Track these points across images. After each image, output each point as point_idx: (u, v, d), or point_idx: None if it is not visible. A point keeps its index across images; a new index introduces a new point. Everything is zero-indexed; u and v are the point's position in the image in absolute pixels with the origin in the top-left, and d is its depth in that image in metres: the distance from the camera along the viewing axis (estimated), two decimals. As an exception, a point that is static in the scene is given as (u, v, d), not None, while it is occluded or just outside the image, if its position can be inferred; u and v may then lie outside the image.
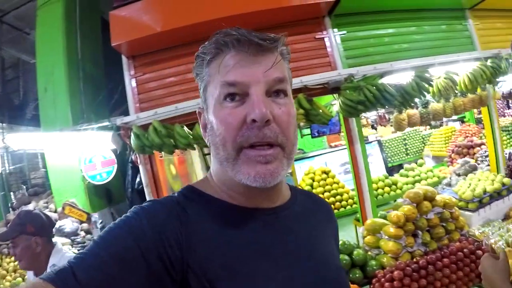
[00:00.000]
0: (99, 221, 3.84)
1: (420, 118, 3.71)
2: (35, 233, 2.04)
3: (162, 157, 3.27)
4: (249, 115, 0.71)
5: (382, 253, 2.78)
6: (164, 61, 3.30)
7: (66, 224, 3.64)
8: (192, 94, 3.17)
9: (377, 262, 2.69)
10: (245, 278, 0.72)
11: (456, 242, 2.78)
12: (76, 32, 4.55)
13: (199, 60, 0.80)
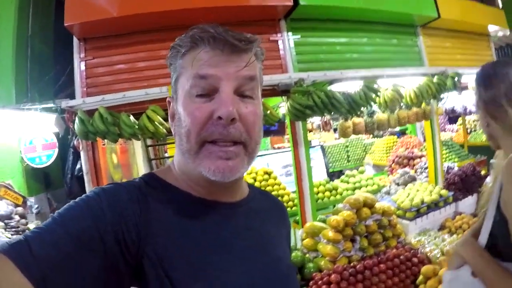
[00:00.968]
0: (35, 206, 3.67)
1: (365, 126, 3.82)
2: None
3: (104, 145, 3.20)
4: (215, 112, 0.72)
5: (320, 256, 2.82)
6: (115, 47, 3.20)
7: (0, 206, 3.49)
8: (140, 84, 3.11)
9: (314, 264, 2.73)
10: (201, 268, 0.73)
11: (393, 249, 2.88)
12: (29, 7, 4.35)
13: (174, 51, 0.81)
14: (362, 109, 3.58)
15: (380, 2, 3.86)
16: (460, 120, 7.15)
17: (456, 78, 4.07)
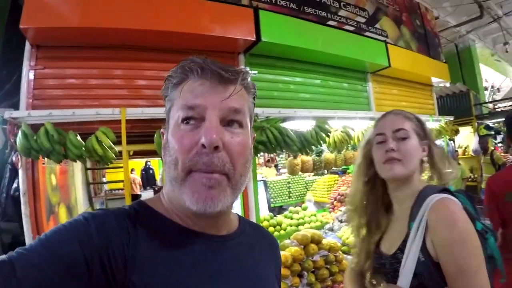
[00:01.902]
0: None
1: (313, 165, 3.95)
2: None
3: (44, 164, 3.01)
4: (200, 140, 0.72)
5: (268, 292, 2.84)
6: (70, 59, 3.04)
7: None
8: (91, 102, 2.98)
9: (263, 300, 2.74)
10: None
11: (339, 284, 2.95)
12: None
13: (167, 82, 0.81)
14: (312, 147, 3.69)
15: (337, 47, 4.08)
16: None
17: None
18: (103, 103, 3.00)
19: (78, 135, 2.74)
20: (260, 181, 5.93)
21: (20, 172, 2.74)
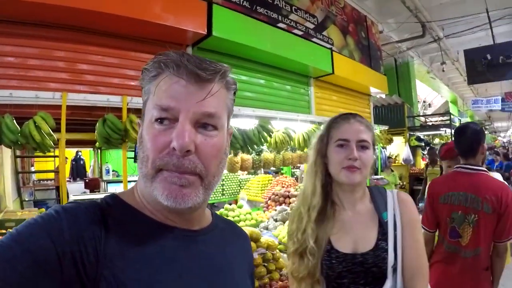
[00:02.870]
0: None
1: (252, 163, 4.00)
2: None
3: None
4: (171, 142, 0.71)
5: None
6: (8, 35, 2.76)
7: None
8: (29, 84, 2.76)
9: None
10: None
11: (277, 282, 2.99)
12: None
13: (144, 74, 0.79)
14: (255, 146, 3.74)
15: (285, 50, 4.18)
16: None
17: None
18: (42, 86, 2.80)
19: (14, 119, 2.54)
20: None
21: None
